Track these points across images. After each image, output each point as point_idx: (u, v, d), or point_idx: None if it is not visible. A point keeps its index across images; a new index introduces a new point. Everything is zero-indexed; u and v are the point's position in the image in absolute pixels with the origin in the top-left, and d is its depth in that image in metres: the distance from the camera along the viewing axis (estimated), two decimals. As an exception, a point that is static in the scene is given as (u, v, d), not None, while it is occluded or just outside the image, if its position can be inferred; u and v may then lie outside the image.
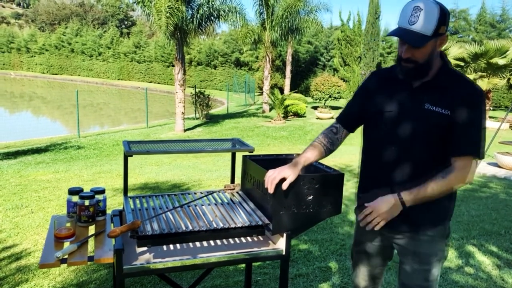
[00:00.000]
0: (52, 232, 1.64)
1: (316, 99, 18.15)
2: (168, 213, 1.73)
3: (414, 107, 1.60)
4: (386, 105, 1.66)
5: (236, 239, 1.86)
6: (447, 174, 1.56)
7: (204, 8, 12.66)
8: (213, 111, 17.90)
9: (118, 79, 33.90)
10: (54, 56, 36.38)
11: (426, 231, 1.65)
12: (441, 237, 1.68)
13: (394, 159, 1.63)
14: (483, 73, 14.99)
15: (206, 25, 13.28)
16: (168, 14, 11.34)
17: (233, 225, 1.67)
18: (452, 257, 3.51)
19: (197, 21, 12.60)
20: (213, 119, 16.02)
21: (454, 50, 16.42)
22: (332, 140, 1.82)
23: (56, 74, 36.20)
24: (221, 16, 13.48)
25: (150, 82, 32.09)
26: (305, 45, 27.64)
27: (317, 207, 1.81)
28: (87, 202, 1.77)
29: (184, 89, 13.10)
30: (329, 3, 30.74)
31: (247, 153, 2.06)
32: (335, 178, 1.84)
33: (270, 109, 17.78)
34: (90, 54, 35.04)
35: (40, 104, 24.98)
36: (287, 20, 16.67)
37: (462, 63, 15.48)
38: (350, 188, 5.94)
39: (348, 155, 8.51)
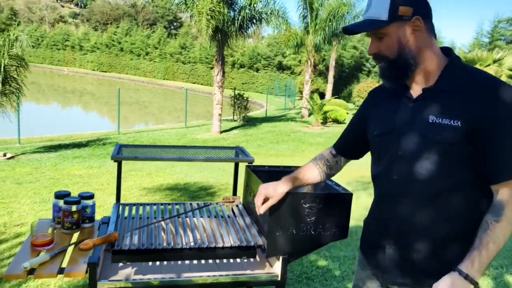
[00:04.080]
0: (29, 239, 1.55)
1: (358, 106, 17.70)
2: (154, 225, 1.59)
3: (415, 122, 1.24)
4: (381, 126, 1.34)
5: (230, 259, 1.69)
6: (499, 213, 1.15)
7: (246, 11, 12.61)
8: (251, 113, 17.82)
9: (163, 79, 34.69)
10: (105, 54, 37.80)
11: (431, 283, 1.22)
12: None
13: (398, 196, 1.27)
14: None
15: (247, 27, 13.22)
16: (208, 16, 11.38)
17: (220, 245, 1.50)
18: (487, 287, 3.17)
19: (239, 23, 12.56)
20: (250, 122, 15.94)
21: (510, 60, 15.47)
22: (330, 165, 1.57)
23: (105, 71, 37.57)
24: (263, 19, 13.37)
25: (193, 83, 32.59)
26: (350, 50, 27.08)
27: (320, 229, 1.60)
28: (73, 208, 1.66)
29: (223, 91, 13.10)
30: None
31: (251, 164, 1.90)
32: (342, 198, 1.63)
33: (309, 114, 17.47)
34: (138, 54, 36.09)
35: (89, 100, 25.99)
36: (330, 23, 16.34)
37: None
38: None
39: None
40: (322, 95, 20.17)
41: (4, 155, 8.37)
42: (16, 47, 7.79)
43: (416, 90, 1.27)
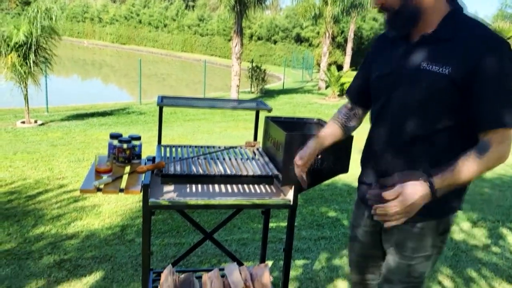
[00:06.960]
0: (94, 167, 1.95)
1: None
2: (191, 159, 1.97)
3: (409, 68, 1.30)
4: (380, 69, 1.41)
5: (252, 189, 2.07)
6: (483, 151, 1.19)
7: (265, -19, 12.69)
8: (268, 86, 18.05)
9: (182, 51, 34.93)
10: (123, 26, 38.13)
11: (414, 223, 1.35)
12: (433, 232, 1.38)
13: (386, 138, 1.38)
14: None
15: (266, -2, 13.33)
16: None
17: (245, 173, 1.87)
18: (481, 237, 3.50)
19: (257, -6, 12.69)
20: (268, 94, 16.21)
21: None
22: (347, 116, 1.63)
23: (124, 44, 37.97)
24: (281, -10, 13.42)
25: (211, 55, 32.75)
26: (370, 21, 26.74)
27: (325, 164, 1.95)
28: (124, 146, 2.05)
29: (240, 62, 13.35)
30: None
31: (269, 114, 2.25)
32: (345, 140, 1.97)
33: (326, 87, 17.59)
34: (156, 26, 36.31)
35: (108, 72, 26.50)
36: (349, -6, 16.24)
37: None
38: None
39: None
40: (340, 68, 20.19)
41: (35, 121, 8.92)
42: (48, 19, 8.18)
43: (415, 37, 1.31)
